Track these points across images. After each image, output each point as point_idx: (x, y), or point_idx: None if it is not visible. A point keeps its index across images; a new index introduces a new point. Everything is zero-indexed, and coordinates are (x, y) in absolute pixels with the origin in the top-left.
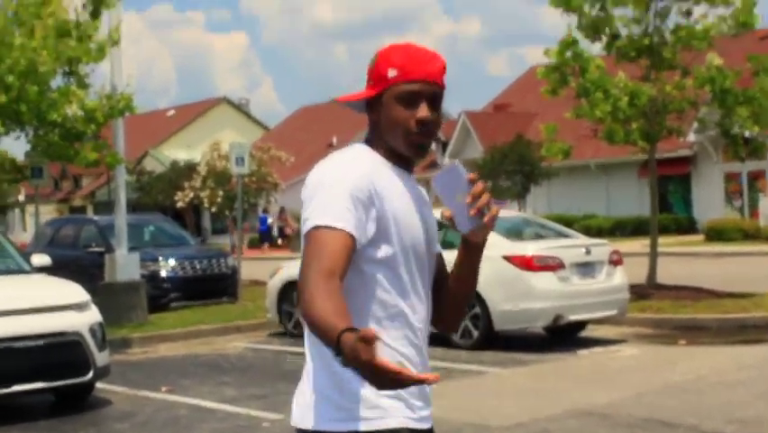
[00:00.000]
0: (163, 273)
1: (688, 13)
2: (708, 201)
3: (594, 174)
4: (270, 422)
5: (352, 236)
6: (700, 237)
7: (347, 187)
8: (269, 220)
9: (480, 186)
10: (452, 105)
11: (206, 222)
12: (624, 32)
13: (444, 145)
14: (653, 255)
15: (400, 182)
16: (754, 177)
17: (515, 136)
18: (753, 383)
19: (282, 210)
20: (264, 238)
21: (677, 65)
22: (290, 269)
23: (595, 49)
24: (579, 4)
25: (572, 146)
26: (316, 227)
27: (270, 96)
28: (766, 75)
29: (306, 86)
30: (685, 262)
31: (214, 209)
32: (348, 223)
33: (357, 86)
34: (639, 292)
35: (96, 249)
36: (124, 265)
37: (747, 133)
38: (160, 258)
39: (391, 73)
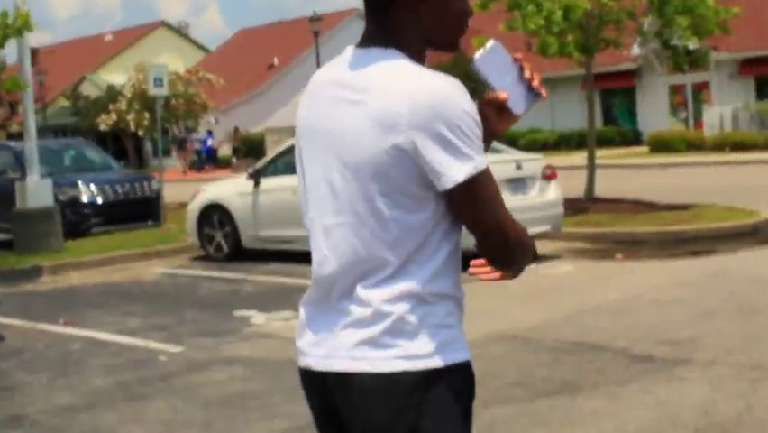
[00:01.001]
0: (83, 199)
1: None
2: (653, 113)
3: None
4: (168, 355)
5: None
6: (645, 149)
7: (471, 107)
8: (210, 142)
9: (527, 64)
10: None
11: (149, 145)
12: None
13: None
14: (591, 168)
15: None
16: (699, 88)
17: (456, 54)
18: (689, 302)
19: (236, 130)
20: (206, 159)
21: None
22: (210, 191)
23: None
24: None
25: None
26: (483, 170)
27: (216, 21)
28: None
29: (253, 8)
30: (629, 174)
31: (140, 132)
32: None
33: (305, 7)
34: (576, 206)
35: (12, 175)
36: (36, 191)
37: (690, 45)
38: (80, 183)
39: None
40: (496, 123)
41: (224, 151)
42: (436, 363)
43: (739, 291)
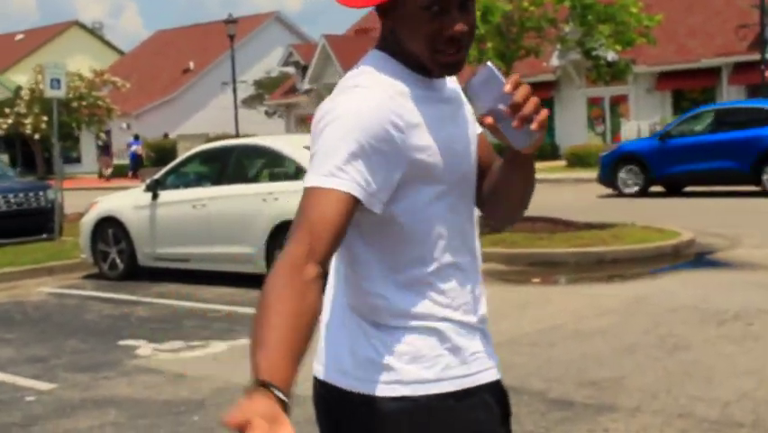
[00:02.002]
0: None
1: None
2: (571, 127)
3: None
4: (36, 395)
5: (354, 199)
6: (562, 163)
7: (357, 125)
8: (134, 147)
9: (523, 90)
10: (314, 30)
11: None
12: None
13: (305, 69)
14: None
15: (432, 93)
16: (616, 101)
17: None
18: (611, 333)
19: (166, 136)
20: (130, 166)
21: None
22: (105, 203)
23: None
24: None
25: None
26: (314, 186)
27: (136, 22)
28: None
29: (173, 10)
30: (545, 189)
31: (37, 136)
32: (351, 179)
33: (226, 9)
34: (489, 224)
35: None
36: None
37: (610, 57)
38: None
39: None
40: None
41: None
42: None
43: (662, 321)
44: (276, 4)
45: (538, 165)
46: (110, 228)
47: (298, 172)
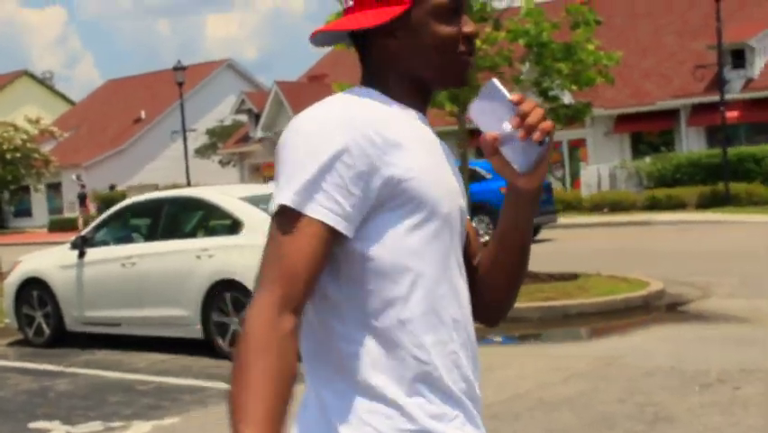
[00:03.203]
0: None
1: None
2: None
3: None
4: None
5: (332, 231)
6: None
7: (330, 137)
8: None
9: (529, 103)
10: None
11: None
12: None
13: (257, 117)
14: None
15: (422, 124)
16: (575, 145)
17: None
18: (582, 402)
19: (112, 187)
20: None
21: (488, 16)
22: (29, 263)
23: None
24: None
25: None
26: (281, 211)
27: (91, 72)
28: (586, 28)
29: (129, 61)
30: None
31: None
32: (329, 201)
33: (182, 58)
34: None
35: None
36: None
37: (567, 99)
38: None
39: None
40: (515, 177)
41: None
42: None
43: (638, 387)
44: (233, 53)
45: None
46: (35, 290)
47: (235, 226)
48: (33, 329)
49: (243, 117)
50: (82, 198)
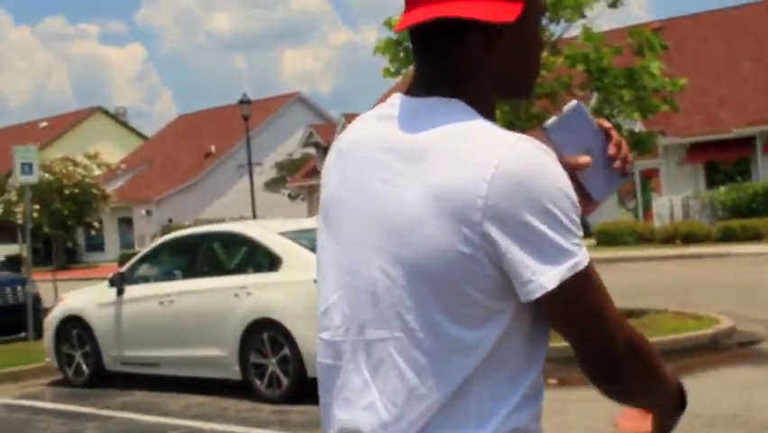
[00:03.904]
0: None
1: None
2: (602, 203)
3: None
4: None
5: None
6: (592, 242)
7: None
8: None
9: (617, 132)
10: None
11: (82, 239)
12: None
13: (325, 150)
14: None
15: None
16: (647, 175)
17: None
18: None
19: (170, 221)
20: None
21: (546, 41)
22: (70, 300)
23: None
24: None
25: None
26: (583, 269)
27: (170, 108)
28: (651, 53)
29: (207, 96)
30: None
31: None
32: None
33: (257, 93)
34: None
35: None
36: None
37: (637, 127)
38: None
39: None
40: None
41: None
42: None
43: None
44: (308, 87)
45: None
46: (74, 329)
47: (273, 263)
48: (73, 369)
49: (312, 150)
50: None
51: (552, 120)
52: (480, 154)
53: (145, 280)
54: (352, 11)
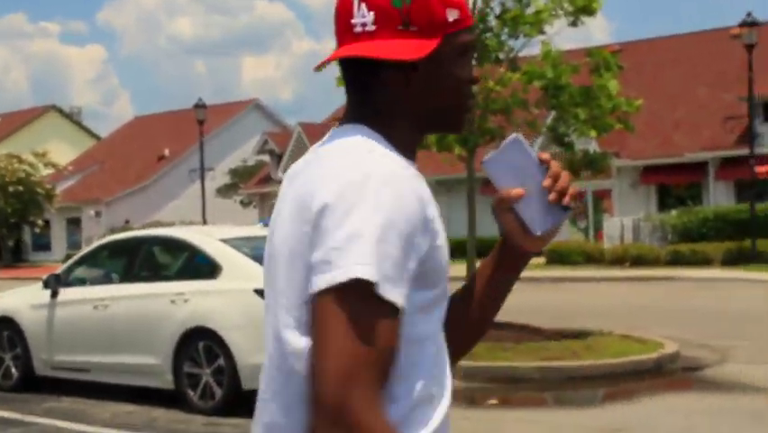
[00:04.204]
0: None
1: None
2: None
3: (435, 191)
4: None
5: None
6: (542, 260)
7: (402, 216)
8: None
9: (557, 165)
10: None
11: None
12: None
13: (280, 157)
14: None
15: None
16: (599, 196)
17: None
18: None
19: (126, 222)
20: None
21: (503, 57)
22: (4, 300)
23: None
24: None
25: None
26: (379, 290)
27: (128, 110)
28: (607, 73)
29: (165, 100)
30: (520, 289)
31: None
32: (403, 288)
33: (216, 99)
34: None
35: None
36: None
37: (591, 147)
38: None
39: (452, 16)
40: (522, 238)
41: None
42: None
43: None
44: (268, 94)
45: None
46: (5, 330)
47: (213, 270)
48: (2, 372)
49: (266, 158)
50: None
51: (490, 154)
52: (329, 166)
53: (81, 282)
54: (315, 20)
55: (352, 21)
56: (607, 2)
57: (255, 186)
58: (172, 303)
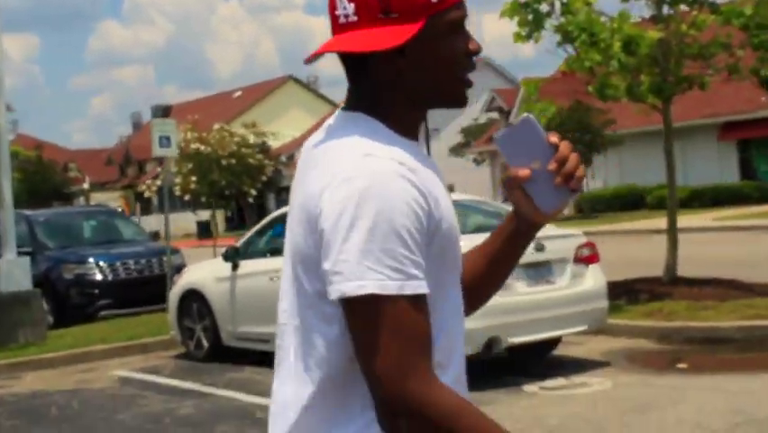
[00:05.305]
0: (90, 277)
1: None
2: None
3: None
4: None
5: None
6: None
7: (402, 216)
8: None
9: (566, 146)
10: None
11: (273, 204)
12: None
13: (508, 114)
14: (673, 240)
15: (426, 156)
16: None
17: (573, 102)
18: None
19: None
20: None
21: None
22: (189, 274)
23: None
24: None
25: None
26: (389, 300)
27: None
28: None
29: None
30: (750, 238)
31: (187, 197)
32: (419, 277)
33: None
34: (652, 289)
35: (25, 250)
36: (9, 273)
37: None
38: (91, 259)
39: None
40: (529, 209)
41: None
42: None
43: None
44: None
45: (756, 209)
46: (194, 303)
47: None
48: (194, 342)
49: (495, 115)
50: None
51: (501, 131)
52: (332, 163)
53: (260, 254)
54: None
55: (336, 12)
56: None
57: (485, 144)
58: None
